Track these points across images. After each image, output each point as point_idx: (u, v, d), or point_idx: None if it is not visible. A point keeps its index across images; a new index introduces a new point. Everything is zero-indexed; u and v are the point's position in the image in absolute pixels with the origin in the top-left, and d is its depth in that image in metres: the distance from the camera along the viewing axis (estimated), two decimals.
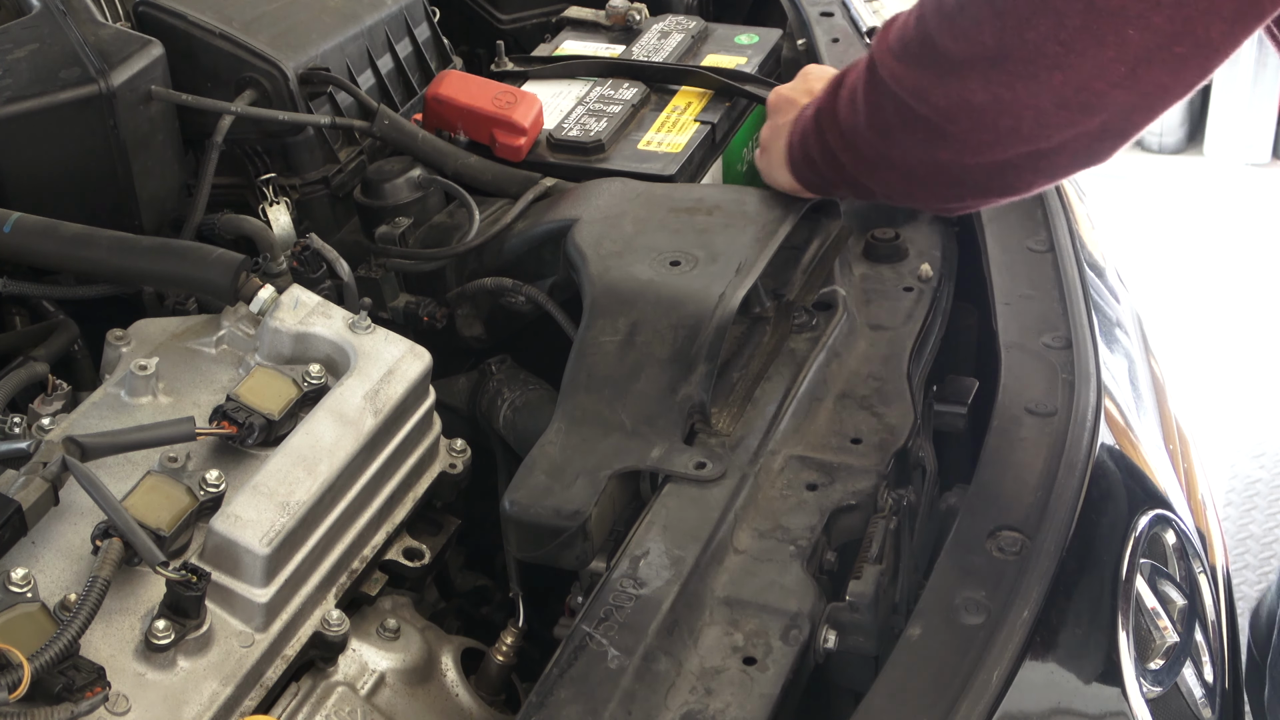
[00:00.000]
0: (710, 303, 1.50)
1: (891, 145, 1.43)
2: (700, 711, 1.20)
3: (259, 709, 1.29)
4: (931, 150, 1.38)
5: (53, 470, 1.26)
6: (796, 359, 1.54)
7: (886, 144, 1.44)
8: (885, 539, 1.34)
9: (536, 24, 2.27)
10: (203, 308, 1.61)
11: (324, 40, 1.87)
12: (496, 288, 1.69)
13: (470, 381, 1.72)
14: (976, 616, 1.25)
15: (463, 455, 1.54)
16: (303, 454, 1.35)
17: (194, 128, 1.78)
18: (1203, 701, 1.51)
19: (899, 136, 1.41)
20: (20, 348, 1.54)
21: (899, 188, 1.49)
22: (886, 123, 1.42)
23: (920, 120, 1.37)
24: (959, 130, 1.34)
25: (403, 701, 1.39)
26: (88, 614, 1.16)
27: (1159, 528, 1.53)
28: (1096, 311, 1.64)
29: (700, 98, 1.96)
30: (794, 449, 1.45)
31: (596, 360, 1.49)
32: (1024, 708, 1.23)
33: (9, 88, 1.62)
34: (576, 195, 1.73)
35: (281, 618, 1.31)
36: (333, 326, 1.46)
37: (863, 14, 2.20)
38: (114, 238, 1.53)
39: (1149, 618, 1.45)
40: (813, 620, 1.27)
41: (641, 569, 1.30)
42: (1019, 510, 1.35)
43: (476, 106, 1.86)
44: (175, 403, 1.44)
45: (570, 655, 1.24)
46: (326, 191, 1.86)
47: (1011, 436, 1.44)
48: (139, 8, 1.82)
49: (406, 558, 1.47)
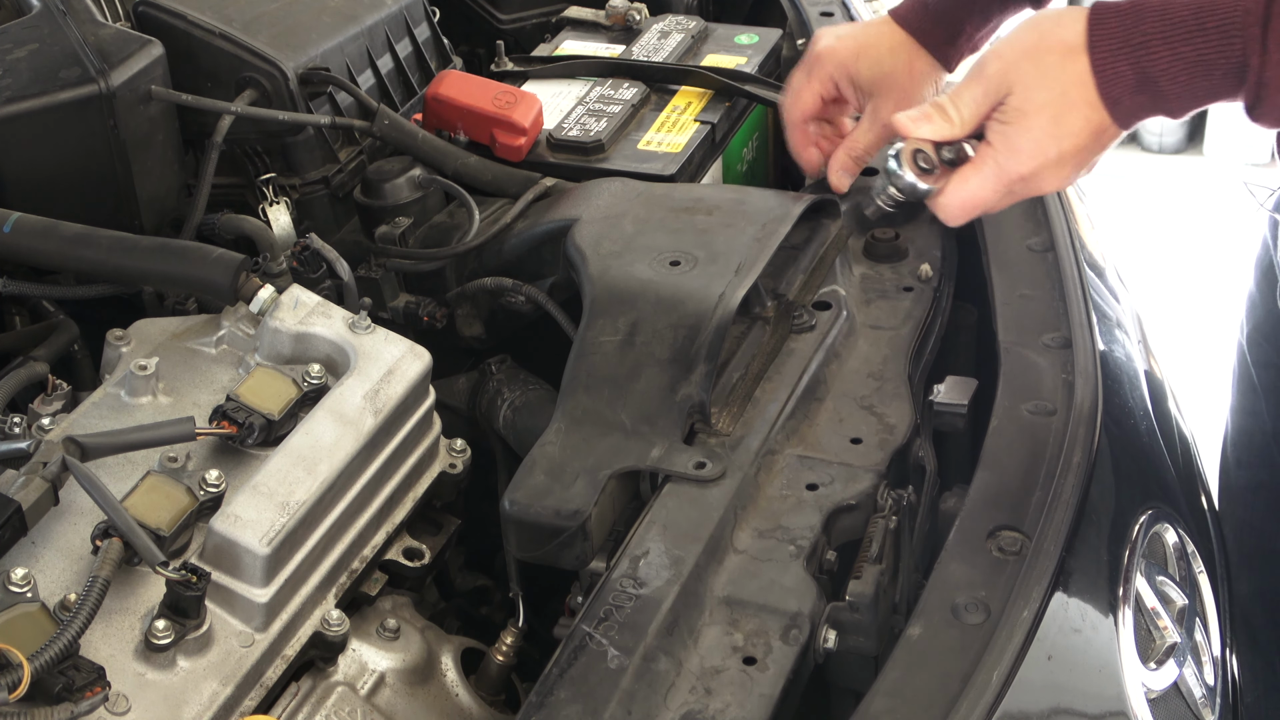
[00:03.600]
0: (710, 302, 1.50)
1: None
2: (700, 711, 1.20)
3: (259, 709, 1.29)
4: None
5: (53, 470, 1.26)
6: (796, 359, 1.54)
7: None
8: (885, 539, 1.34)
9: (536, 24, 2.28)
10: (203, 308, 1.61)
11: (324, 40, 1.87)
12: (496, 288, 1.69)
13: (470, 381, 1.72)
14: (976, 616, 1.25)
15: (463, 455, 1.54)
16: (303, 454, 1.35)
17: (194, 128, 1.78)
18: (1203, 701, 1.51)
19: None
20: (20, 348, 1.54)
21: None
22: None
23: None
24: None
25: (403, 701, 1.39)
26: (88, 614, 1.16)
27: (1159, 528, 1.53)
28: (1096, 311, 1.63)
29: (700, 98, 1.96)
30: (794, 449, 1.45)
31: (596, 360, 1.49)
32: (1024, 708, 1.23)
33: (9, 88, 1.62)
34: (576, 195, 1.73)
35: (281, 618, 1.31)
36: (333, 326, 1.46)
37: (862, 14, 2.20)
38: (114, 238, 1.53)
39: (1149, 618, 1.45)
40: (813, 620, 1.27)
41: (641, 569, 1.30)
42: (1019, 510, 1.35)
43: (476, 106, 1.86)
44: (175, 403, 1.44)
45: (570, 655, 1.24)
46: (326, 191, 1.86)
47: (1011, 436, 1.44)
48: (139, 8, 1.82)
49: (406, 558, 1.47)
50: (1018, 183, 1.44)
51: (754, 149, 2.05)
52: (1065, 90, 1.38)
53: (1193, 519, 1.65)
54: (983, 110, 1.44)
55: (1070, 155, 1.41)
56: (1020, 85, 1.40)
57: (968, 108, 1.45)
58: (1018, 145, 1.42)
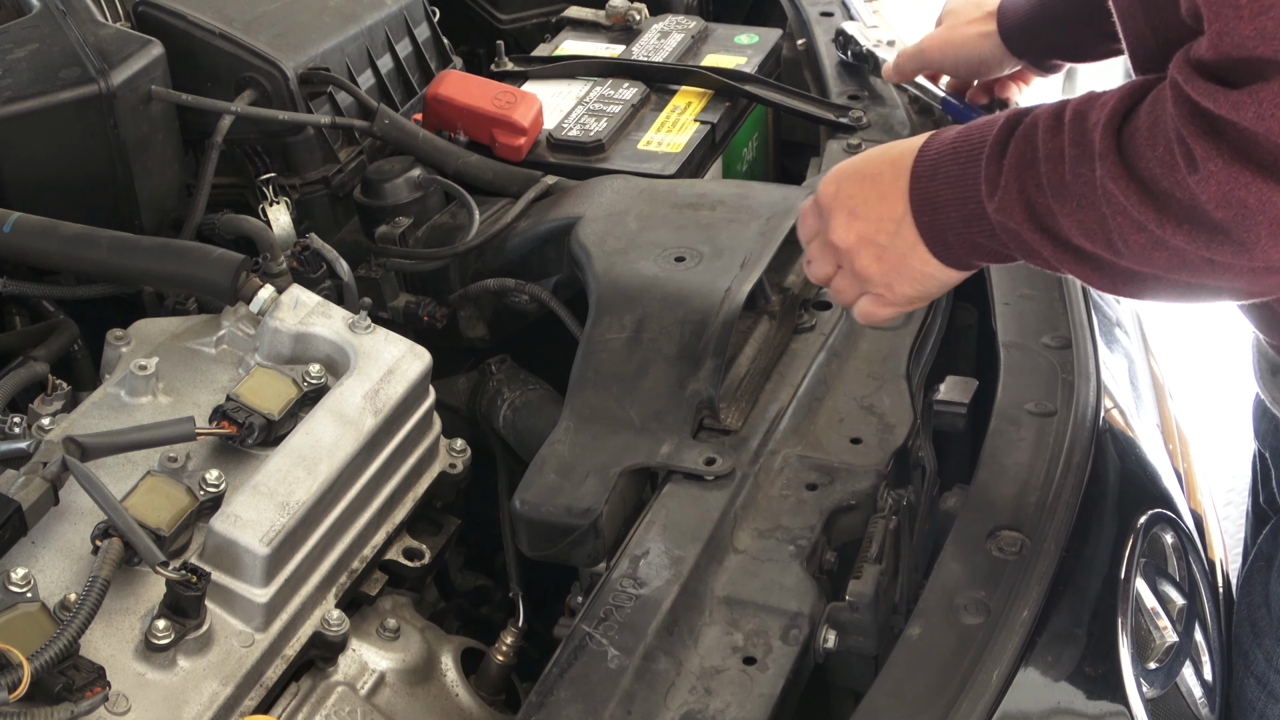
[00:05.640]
0: (716, 298, 1.50)
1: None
2: (700, 711, 1.20)
3: (259, 709, 1.29)
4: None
5: (53, 470, 1.26)
6: (797, 359, 1.54)
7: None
8: (885, 539, 1.34)
9: (536, 24, 2.28)
10: (203, 308, 1.61)
11: (324, 40, 1.87)
12: (500, 288, 1.69)
13: (470, 381, 1.72)
14: (976, 616, 1.25)
15: (463, 455, 1.54)
16: (303, 454, 1.35)
17: (194, 128, 1.78)
18: (1202, 701, 1.51)
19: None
20: (20, 348, 1.54)
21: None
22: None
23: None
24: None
25: (403, 701, 1.39)
26: (88, 614, 1.16)
27: (1159, 528, 1.53)
28: (1096, 311, 1.64)
29: (700, 98, 1.96)
30: (794, 448, 1.45)
31: (604, 358, 1.49)
32: (1024, 708, 1.23)
33: (9, 88, 1.62)
34: (579, 193, 1.73)
35: (281, 617, 1.31)
36: (333, 326, 1.46)
37: (863, 14, 2.20)
38: (114, 238, 1.54)
39: (1148, 618, 1.45)
40: (813, 620, 1.27)
41: (641, 569, 1.30)
42: (1019, 510, 1.35)
43: (476, 106, 1.86)
44: (175, 403, 1.44)
45: (570, 655, 1.24)
46: (326, 191, 1.86)
47: (1011, 436, 1.44)
48: (139, 8, 1.82)
49: (406, 558, 1.47)
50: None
51: (754, 149, 2.05)
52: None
53: (1193, 520, 1.65)
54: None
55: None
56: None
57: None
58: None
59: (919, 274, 1.32)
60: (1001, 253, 1.27)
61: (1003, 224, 1.23)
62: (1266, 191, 1.07)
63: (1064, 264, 1.23)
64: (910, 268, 1.32)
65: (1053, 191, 1.19)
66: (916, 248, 1.30)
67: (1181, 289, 1.19)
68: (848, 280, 1.37)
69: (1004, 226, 1.23)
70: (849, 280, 1.37)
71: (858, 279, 1.36)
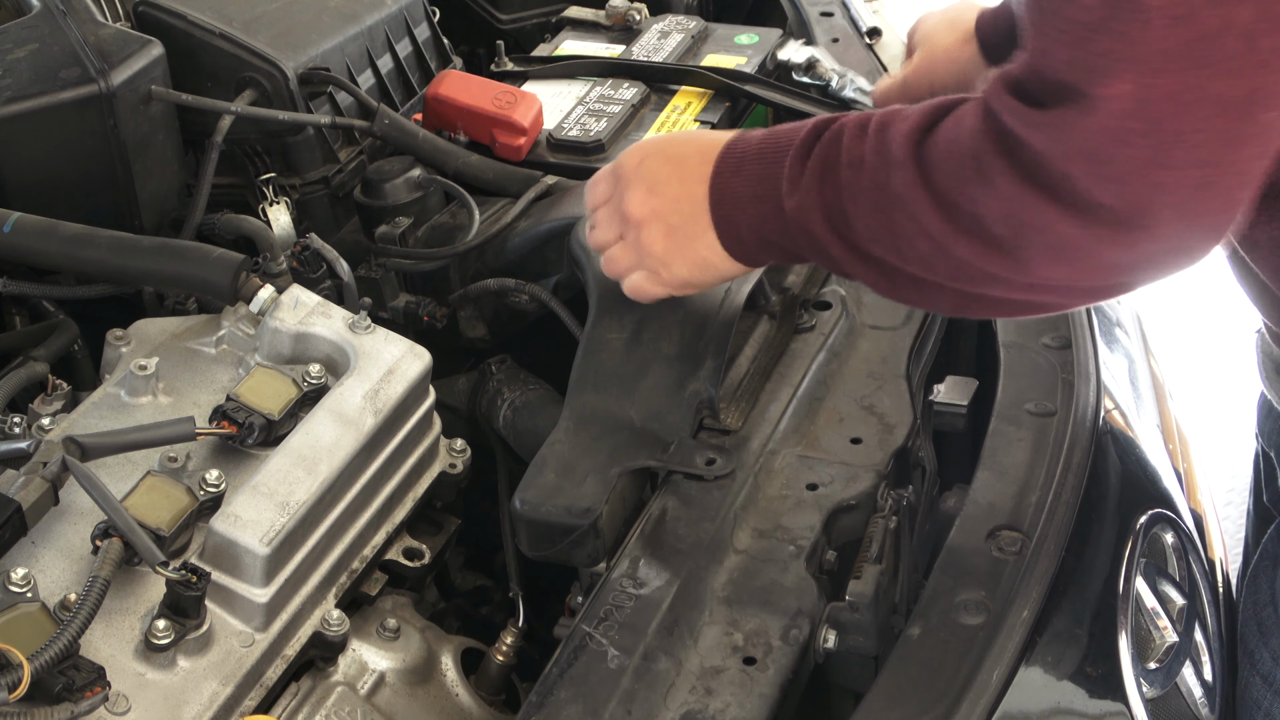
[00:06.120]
0: (716, 298, 1.50)
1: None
2: (700, 711, 1.20)
3: (259, 709, 1.29)
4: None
5: (53, 470, 1.26)
6: (797, 359, 1.54)
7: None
8: (885, 539, 1.34)
9: (536, 24, 2.28)
10: (203, 308, 1.61)
11: (324, 40, 1.87)
12: (500, 288, 1.69)
13: (470, 381, 1.72)
14: (976, 616, 1.25)
15: (463, 455, 1.54)
16: (303, 454, 1.35)
17: (194, 128, 1.78)
18: (1202, 701, 1.51)
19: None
20: (20, 348, 1.54)
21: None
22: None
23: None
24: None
25: (403, 701, 1.39)
26: (88, 614, 1.16)
27: (1159, 528, 1.53)
28: (1096, 311, 1.64)
29: (700, 98, 1.96)
30: (794, 448, 1.45)
31: (604, 358, 1.49)
32: (1024, 708, 1.23)
33: (9, 88, 1.62)
34: (579, 193, 1.72)
35: (281, 618, 1.31)
36: (333, 326, 1.46)
37: (863, 14, 2.20)
38: (114, 238, 1.53)
39: (1148, 618, 1.45)
40: (813, 620, 1.27)
41: (641, 569, 1.30)
42: (1019, 510, 1.35)
43: (476, 106, 1.86)
44: (175, 403, 1.44)
45: (570, 655, 1.24)
46: (326, 191, 1.86)
47: (1011, 436, 1.44)
48: (139, 8, 1.82)
49: (406, 558, 1.47)
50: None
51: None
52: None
53: (1192, 519, 1.65)
54: None
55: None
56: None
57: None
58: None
59: (701, 260, 1.37)
60: (792, 251, 1.32)
61: (798, 223, 1.28)
62: (1047, 214, 1.09)
63: (852, 266, 1.27)
64: (694, 252, 1.37)
65: (849, 195, 1.23)
66: (707, 234, 1.35)
67: (961, 299, 1.23)
68: (628, 250, 1.41)
69: (799, 225, 1.28)
70: (629, 251, 1.41)
71: (638, 252, 1.40)
